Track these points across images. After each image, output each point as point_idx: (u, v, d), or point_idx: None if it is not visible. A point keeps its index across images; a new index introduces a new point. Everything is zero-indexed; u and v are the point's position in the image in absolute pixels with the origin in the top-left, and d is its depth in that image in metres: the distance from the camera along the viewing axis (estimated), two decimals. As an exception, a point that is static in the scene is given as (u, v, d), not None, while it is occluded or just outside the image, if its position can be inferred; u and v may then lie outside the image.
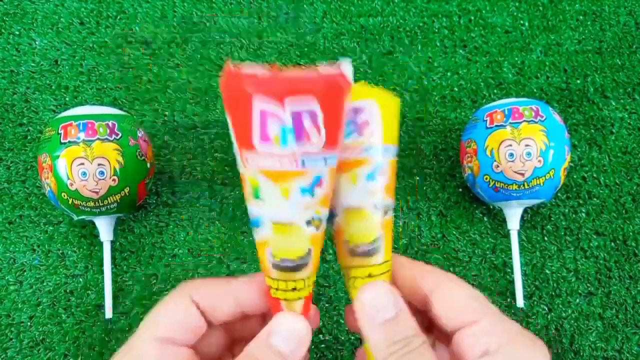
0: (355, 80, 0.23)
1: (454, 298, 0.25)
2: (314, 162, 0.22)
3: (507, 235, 0.44)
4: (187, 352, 0.24)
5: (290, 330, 0.24)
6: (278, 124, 0.21)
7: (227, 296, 0.26)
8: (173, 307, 0.25)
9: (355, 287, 0.26)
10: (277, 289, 0.25)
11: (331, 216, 0.25)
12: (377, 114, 0.25)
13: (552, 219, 0.45)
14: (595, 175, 0.46)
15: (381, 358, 0.24)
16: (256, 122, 0.21)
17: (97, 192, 0.38)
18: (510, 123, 0.39)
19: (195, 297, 0.25)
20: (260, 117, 0.21)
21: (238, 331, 0.28)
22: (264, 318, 0.27)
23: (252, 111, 0.21)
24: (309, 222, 0.23)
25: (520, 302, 0.42)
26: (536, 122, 0.39)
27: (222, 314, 0.25)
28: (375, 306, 0.24)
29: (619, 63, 0.49)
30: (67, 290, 0.43)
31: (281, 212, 0.23)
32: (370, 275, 0.25)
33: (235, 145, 0.23)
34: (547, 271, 0.44)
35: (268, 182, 0.22)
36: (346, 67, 0.21)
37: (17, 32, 0.49)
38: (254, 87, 0.20)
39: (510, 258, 0.43)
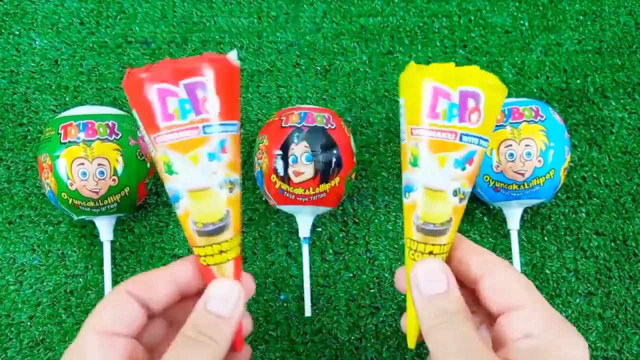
0: (469, 64, 0.24)
1: (504, 283, 0.26)
2: (213, 130, 0.25)
3: (507, 235, 0.44)
4: (127, 341, 0.25)
5: (225, 293, 0.26)
6: (175, 98, 0.25)
7: (162, 280, 0.27)
8: (111, 301, 0.26)
9: (413, 259, 0.27)
10: (205, 256, 0.27)
11: (408, 189, 0.27)
12: (482, 103, 0.25)
13: (552, 219, 0.45)
14: (595, 175, 0.46)
15: (427, 327, 0.25)
16: (155, 103, 0.25)
17: (97, 192, 0.38)
18: (510, 123, 0.39)
19: (131, 288, 0.26)
20: (158, 97, 0.25)
21: (180, 316, 0.28)
22: None
23: (149, 94, 0.25)
24: (221, 185, 0.26)
25: (520, 302, 0.42)
26: (536, 122, 0.39)
27: (160, 298, 0.27)
28: (429, 280, 0.26)
29: (619, 63, 0.49)
30: (67, 290, 0.43)
31: (194, 178, 0.26)
32: (431, 253, 0.27)
33: (145, 135, 0.26)
34: (547, 271, 0.44)
35: (178, 155, 0.25)
36: (231, 54, 0.26)
37: (17, 32, 0.49)
38: (147, 73, 0.25)
39: (510, 258, 0.43)
